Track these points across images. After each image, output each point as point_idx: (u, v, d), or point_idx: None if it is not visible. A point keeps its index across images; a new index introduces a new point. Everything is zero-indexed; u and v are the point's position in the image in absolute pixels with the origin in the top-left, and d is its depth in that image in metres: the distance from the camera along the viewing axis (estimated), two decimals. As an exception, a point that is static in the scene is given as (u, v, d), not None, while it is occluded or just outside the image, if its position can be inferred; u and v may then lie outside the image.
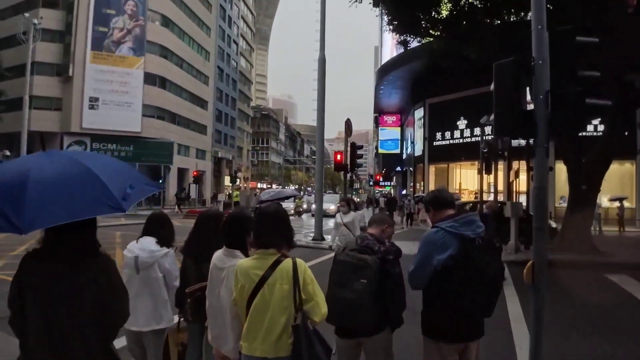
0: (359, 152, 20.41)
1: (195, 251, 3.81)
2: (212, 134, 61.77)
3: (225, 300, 3.02)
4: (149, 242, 3.88)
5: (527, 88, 4.41)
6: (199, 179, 50.30)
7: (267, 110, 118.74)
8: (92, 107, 43.46)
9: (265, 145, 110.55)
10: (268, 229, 2.83)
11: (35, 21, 28.01)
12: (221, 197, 44.95)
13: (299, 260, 2.77)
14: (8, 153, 39.35)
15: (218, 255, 3.18)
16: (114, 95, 44.23)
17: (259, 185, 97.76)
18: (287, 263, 2.73)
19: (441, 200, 3.39)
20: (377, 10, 18.81)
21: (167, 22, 49.70)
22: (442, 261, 3.08)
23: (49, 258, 2.12)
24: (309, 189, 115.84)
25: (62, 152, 2.28)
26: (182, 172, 51.67)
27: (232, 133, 71.93)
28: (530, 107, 4.35)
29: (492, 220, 10.72)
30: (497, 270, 3.30)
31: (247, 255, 3.02)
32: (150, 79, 46.66)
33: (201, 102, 58.55)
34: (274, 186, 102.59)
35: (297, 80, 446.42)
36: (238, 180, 54.11)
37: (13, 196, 1.86)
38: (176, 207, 36.25)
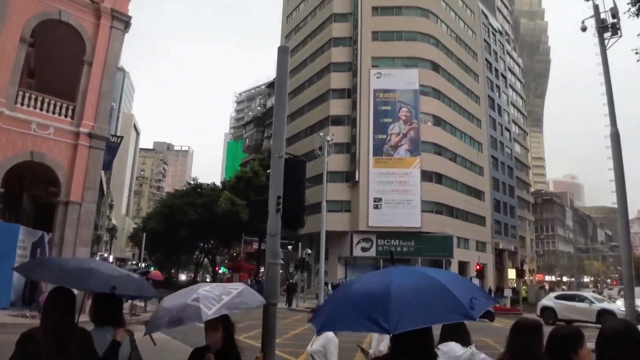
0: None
1: None
2: (492, 224, 60.00)
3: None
4: (453, 347, 3.71)
5: None
6: (481, 272, 48.48)
7: (549, 195, 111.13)
8: (376, 207, 47.45)
9: (550, 233, 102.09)
10: (621, 351, 2.27)
11: (328, 138, 32.66)
12: (507, 293, 42.09)
13: None
14: (309, 251, 45.21)
15: None
16: (394, 194, 47.62)
17: (546, 277, 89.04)
18: None
19: None
20: None
21: (438, 121, 52.21)
22: None
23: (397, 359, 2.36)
24: (608, 280, 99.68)
25: (407, 267, 2.64)
26: (462, 266, 50.78)
27: (513, 222, 68.59)
28: None
29: None
30: None
31: None
32: (427, 175, 48.87)
33: (477, 193, 58.08)
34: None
35: (580, 157, 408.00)
36: (524, 273, 50.19)
37: (379, 302, 2.23)
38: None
